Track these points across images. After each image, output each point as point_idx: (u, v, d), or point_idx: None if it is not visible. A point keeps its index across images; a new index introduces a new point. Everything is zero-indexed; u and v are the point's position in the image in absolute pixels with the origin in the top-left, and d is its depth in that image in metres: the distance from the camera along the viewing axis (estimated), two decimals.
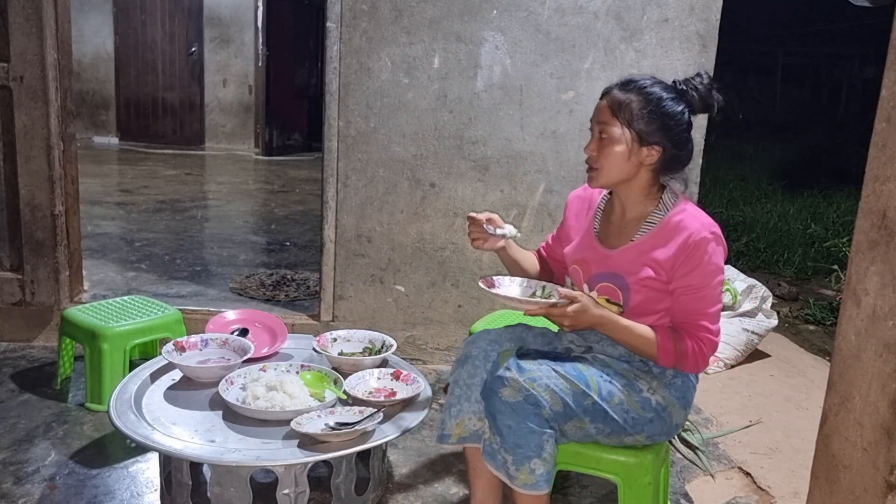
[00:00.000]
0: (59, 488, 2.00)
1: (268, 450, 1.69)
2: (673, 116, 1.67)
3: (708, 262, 1.63)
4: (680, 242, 1.65)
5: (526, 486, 1.62)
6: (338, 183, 2.88)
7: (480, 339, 1.81)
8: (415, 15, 2.75)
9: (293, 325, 2.96)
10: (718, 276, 1.66)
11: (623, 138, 1.66)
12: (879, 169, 1.13)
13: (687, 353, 1.65)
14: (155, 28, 9.41)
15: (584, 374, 1.65)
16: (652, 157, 1.67)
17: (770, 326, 3.27)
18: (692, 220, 1.66)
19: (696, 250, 1.63)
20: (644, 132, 1.66)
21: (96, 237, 4.59)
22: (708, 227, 1.64)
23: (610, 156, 1.68)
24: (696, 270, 1.64)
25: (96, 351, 2.42)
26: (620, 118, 1.66)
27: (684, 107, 1.68)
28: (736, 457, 2.41)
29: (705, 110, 1.72)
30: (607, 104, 1.68)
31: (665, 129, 1.66)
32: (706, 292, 1.65)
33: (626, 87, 1.68)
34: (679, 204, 1.71)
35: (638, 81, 1.69)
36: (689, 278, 1.65)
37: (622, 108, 1.66)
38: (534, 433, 1.60)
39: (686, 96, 1.69)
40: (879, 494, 1.09)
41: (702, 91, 1.69)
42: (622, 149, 1.67)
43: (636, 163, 1.68)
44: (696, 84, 1.69)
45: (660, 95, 1.67)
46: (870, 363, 1.13)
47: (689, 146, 1.73)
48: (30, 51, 2.76)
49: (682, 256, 1.64)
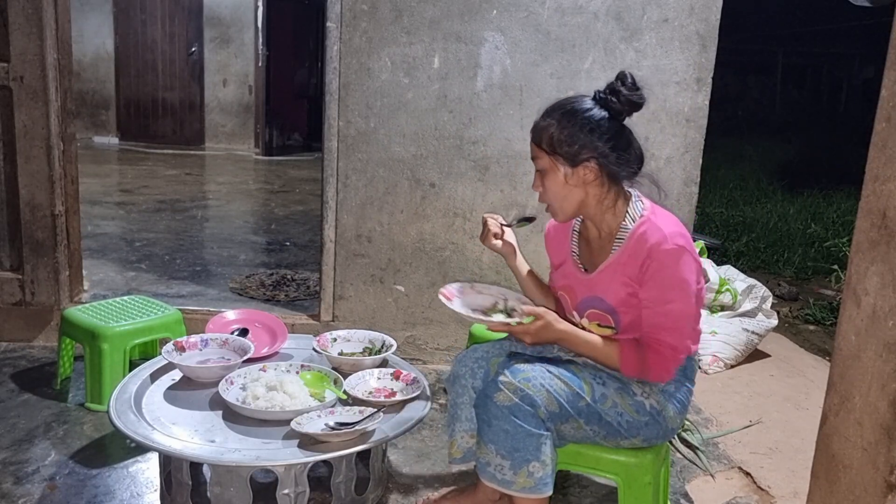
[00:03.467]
0: (59, 488, 2.00)
1: (268, 450, 1.69)
2: (595, 128, 1.61)
3: (669, 276, 1.57)
4: (643, 255, 1.59)
5: (525, 489, 1.62)
6: (338, 183, 2.88)
7: (467, 358, 1.86)
8: (415, 15, 2.76)
9: (293, 325, 2.96)
10: (684, 289, 1.58)
11: (555, 166, 1.63)
12: (879, 169, 1.13)
13: (650, 366, 1.62)
14: (155, 28, 9.41)
15: (577, 377, 1.65)
16: (589, 174, 1.62)
17: (770, 326, 3.27)
18: (655, 231, 1.60)
19: (654, 262, 1.58)
20: (571, 153, 1.61)
21: (96, 237, 4.59)
22: (672, 238, 1.57)
23: (551, 188, 1.66)
24: (654, 283, 1.58)
25: (96, 351, 2.42)
26: (545, 147, 1.63)
27: (606, 114, 1.62)
28: (736, 457, 2.41)
29: (634, 110, 1.65)
30: (532, 139, 1.67)
31: (591, 142, 1.60)
32: (669, 307, 1.59)
33: (545, 114, 1.66)
34: (646, 212, 1.65)
35: (556, 104, 1.66)
36: (648, 291, 1.60)
37: (543, 137, 1.64)
38: (531, 436, 1.59)
39: (607, 104, 1.63)
40: (879, 494, 1.09)
41: (625, 93, 1.62)
42: (558, 177, 1.64)
43: (578, 184, 1.64)
44: (617, 88, 1.63)
45: (577, 109, 1.63)
46: (870, 363, 1.13)
47: (631, 149, 1.65)
48: (30, 51, 2.76)
49: (643, 269, 1.59)
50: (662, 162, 2.84)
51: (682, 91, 2.78)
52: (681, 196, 2.87)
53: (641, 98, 1.64)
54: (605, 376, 1.68)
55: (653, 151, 2.83)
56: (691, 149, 2.84)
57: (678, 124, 2.82)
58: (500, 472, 1.62)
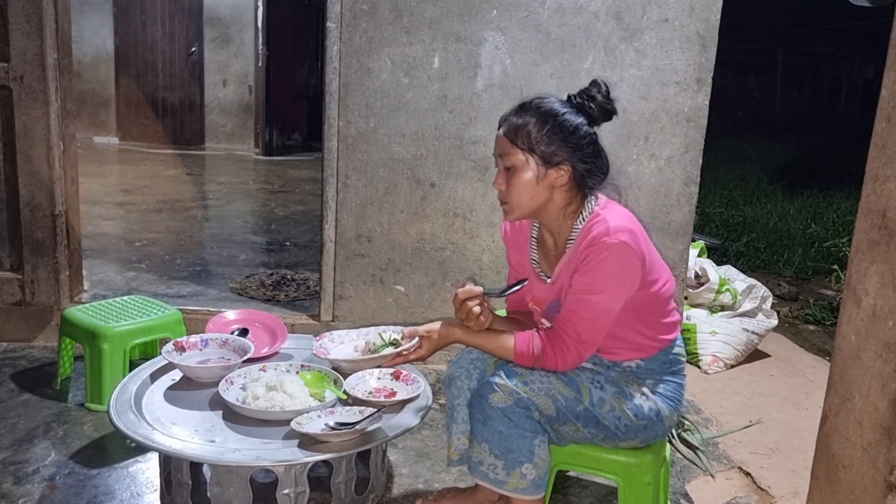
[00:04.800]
0: (59, 488, 2.00)
1: (268, 450, 1.69)
2: (574, 131, 1.59)
3: (602, 269, 1.54)
4: (585, 245, 1.57)
5: (517, 490, 1.62)
6: (338, 183, 2.88)
7: (463, 360, 1.86)
8: (415, 15, 2.75)
9: (293, 325, 2.96)
10: (615, 285, 1.55)
11: (527, 165, 1.59)
12: (879, 169, 1.13)
13: (546, 354, 1.61)
14: (155, 28, 9.41)
15: (575, 381, 1.64)
16: (562, 177, 1.60)
17: (770, 326, 3.27)
18: (600, 223, 1.57)
19: (592, 252, 1.55)
20: (547, 153, 1.58)
21: (96, 237, 4.59)
22: (615, 232, 1.54)
23: (518, 186, 1.61)
24: (586, 271, 1.56)
25: (96, 351, 2.42)
26: (520, 144, 1.59)
27: (584, 119, 1.61)
28: (736, 457, 2.41)
29: (606, 119, 1.64)
30: (504, 133, 1.62)
31: (568, 145, 1.59)
32: (592, 298, 1.56)
33: (521, 110, 1.62)
34: (597, 209, 1.63)
35: (532, 101, 1.62)
36: (578, 278, 1.57)
37: (520, 133, 1.59)
38: (525, 438, 1.59)
39: (584, 109, 1.62)
40: (879, 494, 1.09)
41: (599, 100, 1.62)
42: (529, 176, 1.60)
43: (547, 186, 1.61)
44: (592, 93, 1.62)
45: (556, 111, 1.60)
46: (870, 363, 1.13)
47: (601, 158, 1.65)
48: (30, 51, 2.76)
49: (580, 256, 1.58)
50: (662, 162, 2.84)
51: (682, 91, 2.78)
52: (681, 196, 2.87)
53: (614, 108, 1.64)
54: (603, 380, 1.68)
55: (653, 151, 2.83)
56: (691, 149, 2.84)
57: (678, 124, 2.82)
58: (493, 472, 1.62)
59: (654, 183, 2.85)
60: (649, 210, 2.85)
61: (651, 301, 1.65)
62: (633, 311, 1.63)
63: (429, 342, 1.74)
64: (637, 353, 1.70)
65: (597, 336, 1.60)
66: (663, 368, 1.72)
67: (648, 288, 1.62)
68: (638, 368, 1.71)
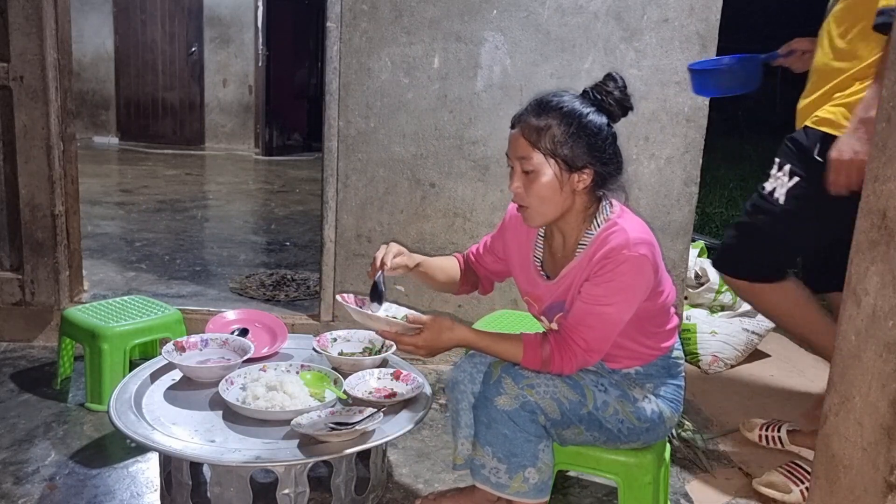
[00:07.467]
0: (59, 488, 2.00)
1: (268, 450, 1.69)
2: (598, 132, 1.52)
3: (618, 281, 1.51)
4: (602, 255, 1.53)
5: (519, 494, 1.61)
6: (338, 183, 2.88)
7: (466, 363, 1.82)
8: (415, 15, 2.75)
9: (293, 325, 2.96)
10: (628, 297, 1.52)
11: (549, 170, 1.51)
12: (879, 169, 1.13)
13: (553, 358, 1.58)
14: (155, 28, 9.41)
15: (579, 384, 1.63)
16: (584, 181, 1.53)
17: (770, 326, 3.27)
18: (619, 234, 1.53)
19: (609, 263, 1.51)
20: (570, 158, 1.50)
21: (96, 237, 4.59)
22: (634, 245, 1.50)
23: (540, 192, 1.52)
24: (600, 281, 1.52)
25: (96, 351, 2.42)
26: (542, 148, 1.50)
27: (605, 118, 1.55)
28: (736, 457, 2.41)
29: (623, 115, 1.58)
30: (522, 134, 1.52)
31: (592, 148, 1.52)
32: (605, 309, 1.53)
33: (540, 110, 1.52)
34: (614, 216, 1.58)
35: (552, 101, 1.53)
36: (591, 287, 1.54)
37: (542, 136, 1.50)
38: (529, 442, 1.58)
39: (604, 106, 1.55)
40: (879, 494, 1.09)
41: (618, 96, 1.55)
42: (551, 181, 1.51)
43: (569, 192, 1.54)
44: (609, 88, 1.55)
45: (580, 111, 1.52)
46: (870, 363, 1.13)
47: (619, 157, 1.59)
48: (30, 51, 2.76)
49: (596, 266, 1.53)
50: (662, 162, 2.84)
51: (682, 91, 2.78)
52: (681, 196, 2.87)
53: (631, 104, 1.58)
54: (607, 383, 1.67)
55: (653, 151, 2.83)
56: (691, 149, 2.84)
57: (678, 124, 2.82)
58: (495, 476, 1.61)
59: (654, 183, 2.85)
60: (649, 210, 2.85)
61: (654, 311, 1.63)
62: (635, 321, 1.61)
63: (430, 331, 1.61)
64: (637, 361, 1.70)
65: (604, 345, 1.58)
66: (662, 373, 1.72)
67: (655, 299, 1.61)
68: (637, 375, 1.71)
